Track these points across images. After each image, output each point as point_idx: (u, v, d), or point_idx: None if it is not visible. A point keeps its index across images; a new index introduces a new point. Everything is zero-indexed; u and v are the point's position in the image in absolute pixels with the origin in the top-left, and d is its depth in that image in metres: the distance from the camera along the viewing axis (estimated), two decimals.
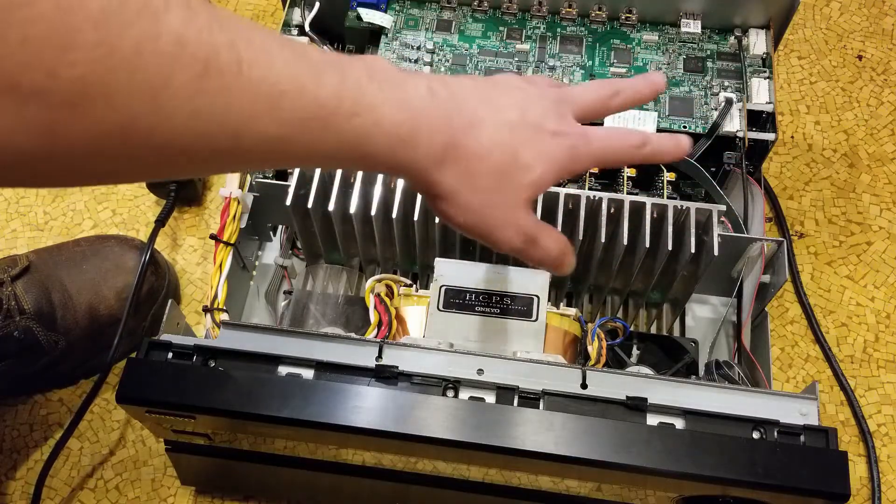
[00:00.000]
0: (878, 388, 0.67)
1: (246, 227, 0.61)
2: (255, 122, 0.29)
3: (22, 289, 0.60)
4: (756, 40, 0.66)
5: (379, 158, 0.35)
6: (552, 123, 0.40)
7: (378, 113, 0.33)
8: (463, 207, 0.38)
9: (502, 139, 0.38)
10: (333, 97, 0.32)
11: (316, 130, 0.31)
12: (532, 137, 0.39)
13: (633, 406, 0.47)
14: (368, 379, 0.47)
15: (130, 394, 0.46)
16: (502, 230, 0.39)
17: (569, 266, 0.43)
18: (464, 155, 0.37)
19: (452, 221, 0.39)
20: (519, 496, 0.52)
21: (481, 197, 0.38)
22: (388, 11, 0.68)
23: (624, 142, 0.42)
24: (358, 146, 0.33)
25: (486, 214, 0.39)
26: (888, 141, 0.78)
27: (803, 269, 0.72)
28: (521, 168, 0.38)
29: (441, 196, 0.38)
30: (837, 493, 0.44)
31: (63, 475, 0.62)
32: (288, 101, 0.30)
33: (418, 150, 0.35)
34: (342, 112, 0.32)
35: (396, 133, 0.34)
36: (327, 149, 0.33)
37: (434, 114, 0.36)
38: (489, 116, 0.38)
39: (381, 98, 0.34)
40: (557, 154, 0.39)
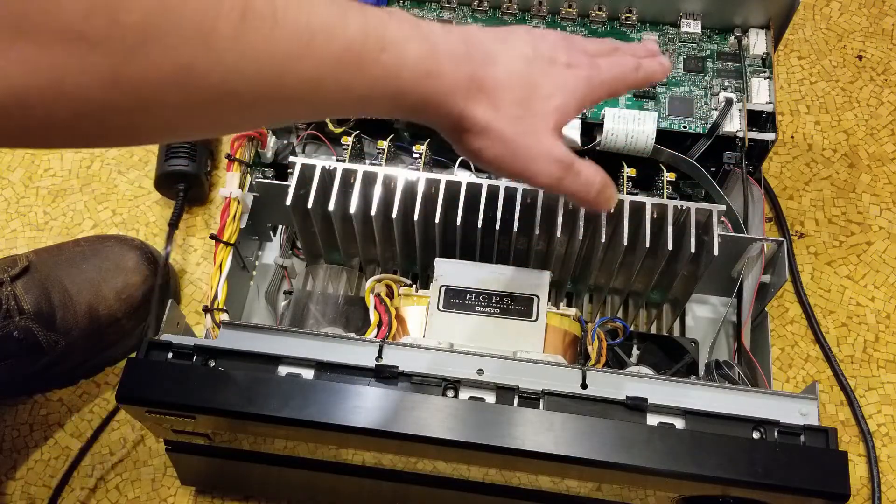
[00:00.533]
0: (878, 388, 0.67)
1: (246, 227, 0.61)
2: (293, 63, 0.31)
3: (22, 289, 0.60)
4: (756, 40, 0.66)
5: (408, 95, 0.36)
6: (564, 56, 0.41)
7: (402, 47, 0.35)
8: (495, 139, 0.38)
9: (520, 70, 0.39)
10: (360, 34, 0.33)
11: (349, 69, 0.33)
12: (547, 69, 0.40)
13: (633, 406, 0.47)
14: (368, 379, 0.47)
15: (130, 394, 0.46)
16: (537, 160, 0.40)
17: (613, 199, 0.43)
18: (489, 85, 0.38)
19: (485, 155, 0.39)
20: (519, 496, 0.52)
21: (512, 126, 0.39)
22: None
23: (625, 66, 0.44)
24: (388, 82, 0.35)
25: (519, 144, 0.39)
26: (888, 141, 0.78)
27: (803, 269, 0.72)
28: (543, 97, 0.39)
29: (472, 130, 0.38)
30: (837, 493, 0.44)
31: (63, 475, 0.62)
32: (320, 41, 0.32)
33: (444, 81, 0.36)
34: (369, 48, 0.34)
35: (422, 66, 0.36)
36: (361, 88, 0.34)
37: (453, 47, 0.37)
38: (503, 51, 0.39)
39: (402, 33, 0.35)
40: (574, 83, 0.41)
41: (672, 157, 0.61)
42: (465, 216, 0.57)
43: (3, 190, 0.75)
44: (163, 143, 0.69)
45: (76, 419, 0.65)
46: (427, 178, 0.57)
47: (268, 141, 0.62)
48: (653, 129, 0.61)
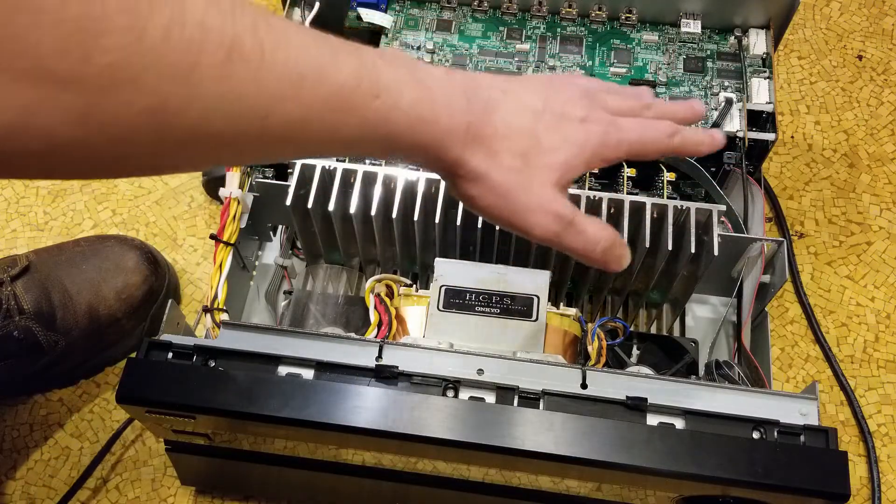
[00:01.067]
0: (878, 388, 0.67)
1: (246, 227, 0.61)
2: (280, 104, 0.30)
3: (22, 289, 0.60)
4: (756, 40, 0.66)
5: (401, 139, 0.35)
6: (579, 111, 0.39)
7: (397, 93, 0.34)
8: (490, 188, 0.37)
9: (523, 123, 0.38)
10: (353, 78, 0.32)
11: (338, 112, 0.32)
12: (556, 124, 0.38)
13: (633, 406, 0.47)
14: (368, 379, 0.47)
15: (130, 394, 0.46)
16: (533, 213, 0.38)
17: (623, 259, 0.41)
18: (487, 134, 0.37)
19: (480, 203, 0.38)
20: (519, 496, 0.52)
21: (508, 177, 0.37)
22: (388, 11, 0.68)
23: (657, 130, 0.41)
24: (379, 127, 0.34)
25: (515, 196, 0.38)
26: (888, 141, 0.78)
27: (803, 269, 0.72)
28: (545, 151, 0.38)
29: (467, 177, 0.37)
30: (837, 493, 0.44)
31: (63, 475, 0.62)
32: (310, 83, 0.31)
33: (439, 127, 0.35)
34: (362, 93, 0.32)
35: (416, 112, 0.34)
36: (350, 131, 0.33)
37: (452, 93, 0.36)
38: (508, 101, 0.38)
39: (398, 78, 0.34)
40: (585, 139, 0.39)
41: (672, 157, 0.61)
42: (464, 216, 0.57)
43: (3, 190, 0.75)
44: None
45: (76, 419, 0.65)
46: (427, 178, 0.57)
47: None
48: None
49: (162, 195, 0.75)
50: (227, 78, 0.28)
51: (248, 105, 0.29)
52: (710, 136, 0.43)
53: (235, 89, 0.28)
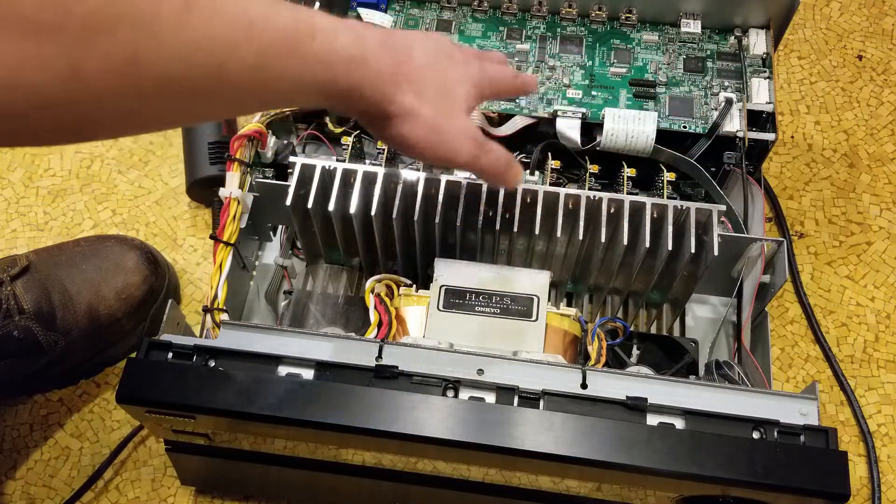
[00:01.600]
0: (878, 388, 0.67)
1: (246, 227, 0.61)
2: (234, 50, 0.33)
3: (22, 289, 0.60)
4: (756, 40, 0.66)
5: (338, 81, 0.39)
6: (459, 54, 0.46)
7: (332, 35, 0.38)
8: (420, 123, 0.42)
9: (431, 62, 0.44)
10: (292, 21, 0.36)
11: (283, 56, 0.36)
12: (450, 63, 0.45)
13: (633, 406, 0.47)
14: (368, 379, 0.47)
15: (130, 394, 0.46)
16: (457, 139, 0.44)
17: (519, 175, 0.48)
18: (412, 74, 0.42)
19: (408, 139, 0.43)
20: (519, 496, 0.52)
21: (433, 111, 0.42)
22: (388, 11, 0.68)
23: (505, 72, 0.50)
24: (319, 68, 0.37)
25: (441, 127, 0.43)
26: (888, 141, 0.78)
27: (803, 269, 0.72)
28: (454, 84, 0.44)
29: (398, 114, 0.42)
30: (837, 493, 0.44)
31: (63, 475, 0.62)
32: (258, 28, 0.34)
33: (370, 67, 0.40)
34: (301, 37, 0.36)
35: (350, 53, 0.39)
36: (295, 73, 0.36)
37: (374, 36, 0.40)
38: (415, 45, 0.43)
39: (330, 24, 0.38)
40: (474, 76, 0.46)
41: (672, 157, 0.61)
42: (465, 216, 0.57)
43: (3, 190, 0.75)
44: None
45: (76, 419, 0.65)
46: (427, 178, 0.57)
47: (268, 141, 0.62)
48: (653, 129, 0.61)
49: (162, 195, 0.75)
50: (185, 26, 0.31)
51: (206, 52, 0.32)
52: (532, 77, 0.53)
53: (193, 37, 0.31)
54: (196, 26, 0.31)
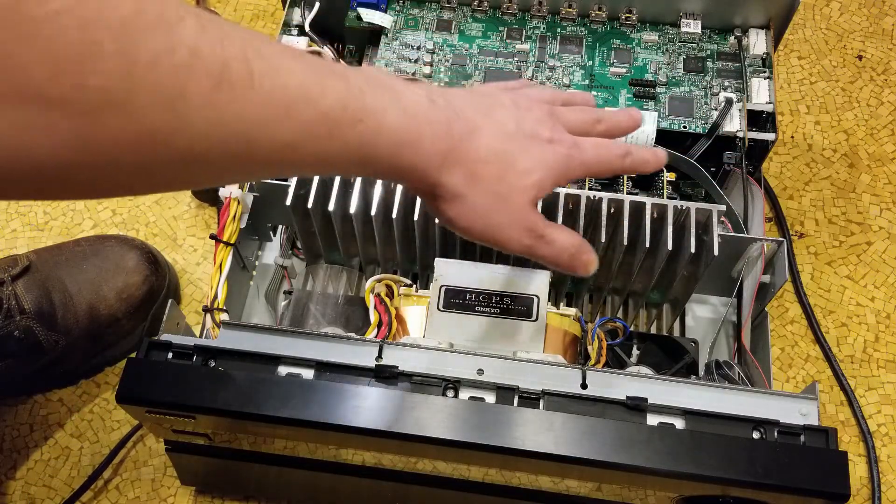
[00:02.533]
0: (878, 388, 0.67)
1: (246, 227, 0.61)
2: (266, 129, 0.30)
3: (22, 288, 0.60)
4: (756, 40, 0.66)
5: (382, 163, 0.36)
6: (546, 132, 0.41)
7: (380, 118, 0.34)
8: (468, 209, 0.39)
9: (500, 146, 0.39)
10: (338, 104, 0.33)
11: (322, 137, 0.33)
12: (529, 145, 0.40)
13: (633, 406, 0.47)
14: (368, 379, 0.47)
15: (130, 394, 0.46)
16: (508, 229, 0.40)
17: (589, 264, 0.43)
18: (466, 158, 0.38)
19: (457, 224, 0.40)
20: (519, 496, 0.52)
21: (485, 199, 0.39)
22: (388, 11, 0.68)
23: (611, 153, 0.44)
24: (362, 151, 0.34)
25: (492, 216, 0.39)
26: (888, 141, 0.78)
27: (803, 269, 0.72)
28: (519, 172, 0.40)
29: (446, 199, 0.39)
30: (837, 493, 0.44)
31: (63, 475, 0.62)
32: (296, 110, 0.31)
33: (420, 153, 0.36)
34: (346, 119, 0.33)
35: (398, 137, 0.35)
36: (333, 155, 0.34)
37: (434, 119, 0.37)
38: (486, 125, 0.39)
39: (382, 104, 0.35)
40: (553, 160, 0.41)
41: (672, 157, 0.61)
42: None
43: None
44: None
45: (76, 419, 0.65)
46: None
47: None
48: (653, 129, 0.61)
49: (162, 195, 0.75)
50: (215, 105, 0.28)
51: (235, 131, 0.29)
52: (654, 154, 0.46)
53: (223, 116, 0.29)
54: (225, 106, 0.29)
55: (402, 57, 0.66)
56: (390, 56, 0.66)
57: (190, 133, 0.28)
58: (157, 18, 0.26)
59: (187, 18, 0.27)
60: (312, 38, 0.66)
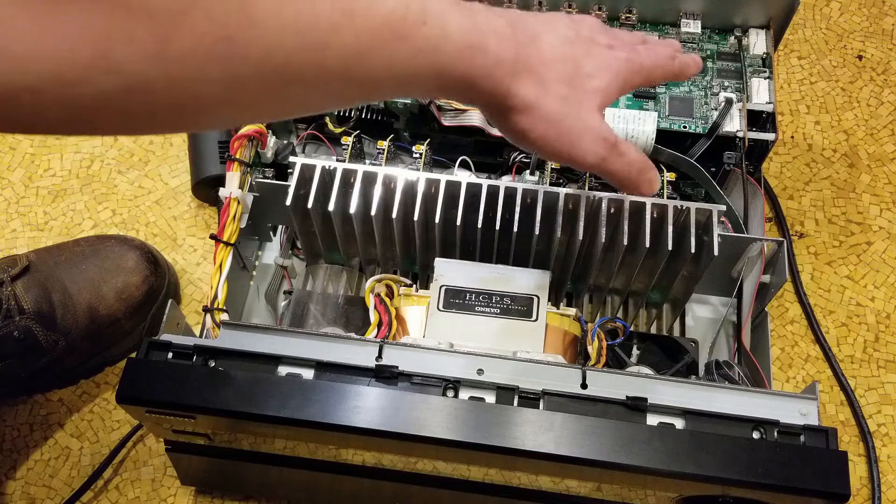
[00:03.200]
0: (878, 388, 0.67)
1: (246, 227, 0.61)
2: (335, 34, 0.31)
3: (22, 289, 0.60)
4: (756, 40, 0.66)
5: (452, 70, 0.35)
6: (604, 38, 0.42)
7: (444, 20, 0.34)
8: (542, 117, 0.38)
9: (563, 50, 0.39)
10: (400, 6, 0.33)
11: (390, 41, 0.33)
12: (589, 49, 0.40)
13: (633, 406, 0.47)
14: (368, 379, 0.47)
15: (130, 394, 0.46)
16: (583, 138, 0.39)
17: (654, 182, 0.43)
18: (534, 62, 0.38)
19: (531, 135, 0.39)
20: (519, 496, 0.52)
21: (558, 105, 0.38)
22: None
23: (662, 54, 0.45)
24: (430, 56, 0.34)
25: (566, 123, 0.39)
26: (888, 141, 0.78)
27: (803, 269, 0.72)
28: (587, 76, 0.40)
29: (518, 108, 0.38)
30: (837, 493, 0.44)
31: (63, 475, 0.62)
32: (361, 12, 0.32)
33: (489, 56, 0.36)
34: (410, 21, 0.33)
35: (466, 39, 0.35)
36: (403, 62, 0.34)
37: (496, 23, 0.37)
38: (546, 31, 0.39)
39: (442, 7, 0.35)
40: (616, 65, 0.41)
41: (672, 157, 0.61)
42: (465, 216, 0.57)
43: (3, 190, 0.75)
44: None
45: (76, 419, 0.65)
46: (427, 178, 0.57)
47: (268, 141, 0.62)
48: (653, 129, 0.61)
49: (162, 195, 0.75)
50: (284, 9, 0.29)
51: (306, 36, 0.30)
52: (693, 60, 0.47)
53: (293, 20, 0.29)
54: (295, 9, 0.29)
55: None
56: None
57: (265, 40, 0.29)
58: None
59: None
60: None
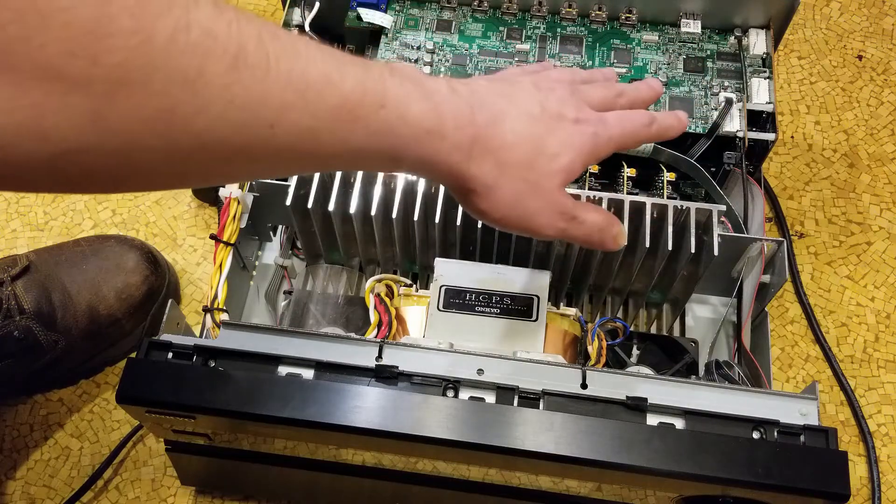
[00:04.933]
0: (878, 388, 0.67)
1: (246, 227, 0.61)
2: (286, 113, 0.30)
3: (22, 288, 0.60)
4: (756, 40, 0.66)
5: (408, 152, 0.35)
6: (572, 112, 0.41)
7: (403, 105, 0.34)
8: (500, 199, 0.38)
9: (526, 130, 0.39)
10: (359, 88, 0.32)
11: (345, 122, 0.32)
12: (555, 126, 0.40)
13: (633, 406, 0.47)
14: (368, 379, 0.47)
15: (130, 394, 0.46)
16: (541, 216, 0.40)
17: (619, 237, 0.43)
18: (493, 146, 0.37)
19: (489, 216, 0.39)
20: (519, 496, 0.52)
21: (516, 187, 0.38)
22: (388, 11, 0.68)
23: (636, 122, 0.43)
24: (387, 140, 0.34)
25: (523, 204, 0.39)
26: (888, 141, 0.78)
27: (803, 269, 0.72)
28: (548, 156, 0.39)
29: (477, 191, 0.38)
30: (837, 493, 0.44)
31: (63, 475, 0.62)
32: (316, 92, 0.31)
33: (445, 142, 0.36)
34: (368, 103, 0.33)
35: (422, 125, 0.35)
36: (357, 142, 0.33)
37: (457, 106, 0.36)
38: (510, 110, 0.39)
39: (403, 91, 0.34)
40: (581, 141, 0.40)
41: (672, 157, 0.61)
42: (464, 216, 0.57)
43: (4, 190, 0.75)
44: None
45: (76, 419, 0.65)
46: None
47: None
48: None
49: (162, 195, 0.75)
50: (233, 85, 0.28)
51: (255, 113, 0.29)
52: (676, 118, 0.45)
53: (241, 97, 0.29)
54: (244, 86, 0.28)
55: (402, 57, 0.66)
56: (390, 56, 0.66)
57: (209, 114, 0.28)
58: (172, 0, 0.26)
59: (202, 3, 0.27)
60: (312, 38, 0.66)
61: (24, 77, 0.24)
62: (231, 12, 0.29)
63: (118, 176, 0.29)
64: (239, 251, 0.61)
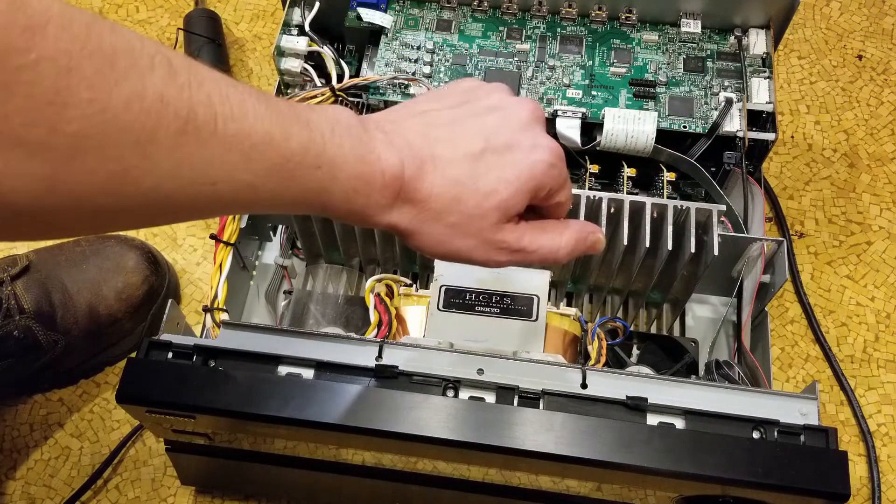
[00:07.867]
0: (878, 388, 0.67)
1: (246, 227, 0.61)
2: (230, 172, 0.32)
3: (22, 288, 0.60)
4: (756, 40, 0.66)
5: (336, 207, 0.37)
6: (528, 139, 0.40)
7: (337, 166, 0.35)
8: (425, 242, 0.39)
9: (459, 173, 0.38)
10: (299, 149, 0.34)
11: (283, 180, 0.34)
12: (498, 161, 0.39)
13: (633, 406, 0.47)
14: (368, 379, 0.47)
15: (130, 394, 0.46)
16: (474, 252, 0.39)
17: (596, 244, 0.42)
18: (416, 198, 0.38)
19: (424, 252, 0.40)
20: (519, 496, 0.52)
21: (438, 231, 0.39)
22: (388, 11, 0.68)
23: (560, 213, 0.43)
24: (317, 195, 0.36)
25: (450, 245, 0.39)
26: (888, 141, 0.78)
27: (803, 269, 0.72)
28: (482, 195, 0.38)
29: (404, 234, 0.39)
30: (837, 493, 0.44)
31: (63, 475, 0.62)
32: (259, 153, 0.32)
33: (371, 199, 0.37)
34: (306, 164, 0.34)
35: (352, 185, 0.36)
36: (291, 197, 0.35)
37: (388, 165, 0.37)
38: (445, 154, 0.38)
39: (341, 153, 0.36)
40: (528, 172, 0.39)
41: (672, 157, 0.61)
42: None
43: None
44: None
45: (76, 419, 0.65)
46: None
47: None
48: (653, 129, 0.61)
49: None
50: (181, 147, 0.30)
51: (200, 172, 0.31)
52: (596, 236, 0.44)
53: (189, 158, 0.30)
54: (191, 148, 0.30)
55: (402, 57, 0.66)
56: (390, 56, 0.66)
57: (158, 174, 0.29)
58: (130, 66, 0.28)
59: (157, 67, 0.29)
60: (312, 38, 0.66)
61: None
62: (185, 74, 0.30)
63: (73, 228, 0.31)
64: (239, 251, 0.61)
